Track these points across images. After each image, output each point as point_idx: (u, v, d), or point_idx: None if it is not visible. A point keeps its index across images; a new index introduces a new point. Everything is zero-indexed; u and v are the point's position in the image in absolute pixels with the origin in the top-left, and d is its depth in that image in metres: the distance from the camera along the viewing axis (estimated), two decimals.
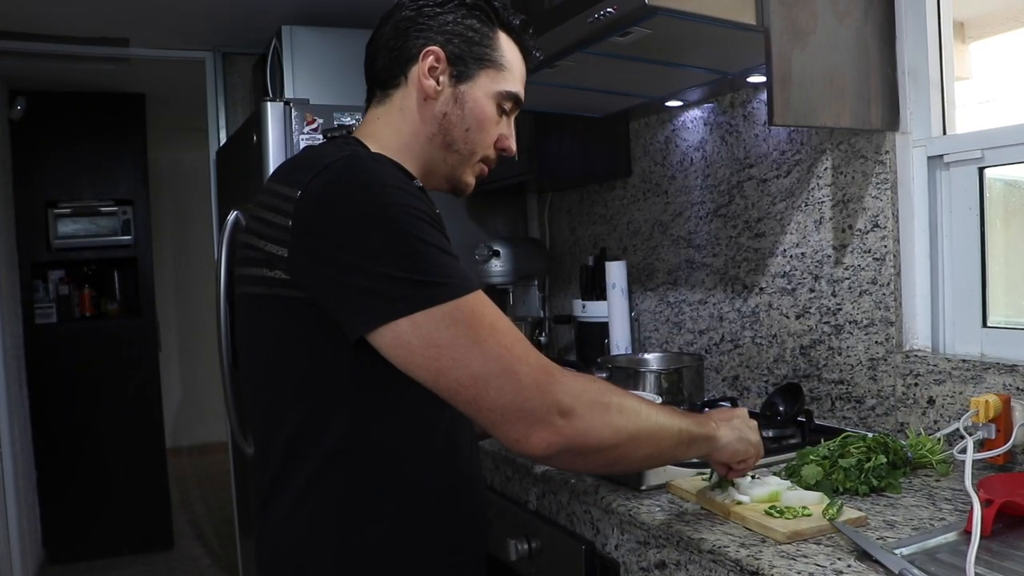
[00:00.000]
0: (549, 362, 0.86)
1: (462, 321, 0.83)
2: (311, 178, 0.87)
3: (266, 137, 2.20)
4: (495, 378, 0.82)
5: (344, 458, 0.91)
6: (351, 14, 2.69)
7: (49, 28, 2.83)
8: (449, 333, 0.82)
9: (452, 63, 1.01)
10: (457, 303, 0.83)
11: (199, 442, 5.79)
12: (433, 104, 1.01)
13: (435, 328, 0.82)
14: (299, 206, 0.86)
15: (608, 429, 0.87)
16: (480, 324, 0.83)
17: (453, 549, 0.98)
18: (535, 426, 0.82)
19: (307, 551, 0.92)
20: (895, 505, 1.10)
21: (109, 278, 4.20)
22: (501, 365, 0.82)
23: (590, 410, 0.85)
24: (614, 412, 0.88)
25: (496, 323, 0.85)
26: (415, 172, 1.04)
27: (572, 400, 0.84)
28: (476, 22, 1.02)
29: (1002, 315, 1.41)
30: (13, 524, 3.18)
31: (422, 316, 0.82)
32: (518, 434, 0.83)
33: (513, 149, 1.09)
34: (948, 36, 1.45)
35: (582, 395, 0.85)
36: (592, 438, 0.86)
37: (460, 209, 2.62)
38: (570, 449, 0.85)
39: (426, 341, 0.82)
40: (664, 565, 1.09)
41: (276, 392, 0.95)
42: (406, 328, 0.82)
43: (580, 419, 0.84)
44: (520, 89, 1.07)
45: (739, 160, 1.83)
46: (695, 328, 1.99)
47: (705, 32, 1.35)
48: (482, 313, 0.84)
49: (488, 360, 0.82)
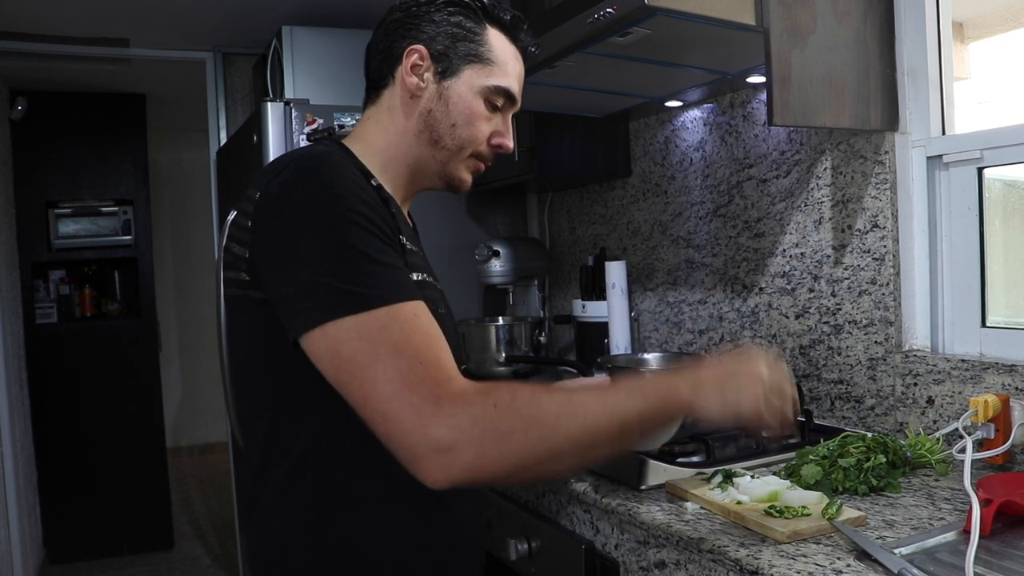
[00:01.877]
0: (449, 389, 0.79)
1: (365, 336, 0.80)
2: (270, 180, 0.90)
3: (266, 137, 2.20)
4: (381, 403, 0.79)
5: (316, 457, 0.91)
6: (351, 14, 2.69)
7: (49, 28, 2.83)
8: (351, 347, 0.80)
9: (436, 60, 1.02)
10: (367, 316, 0.80)
11: (199, 442, 5.80)
12: (418, 101, 1.03)
13: (341, 339, 0.80)
14: (257, 207, 0.89)
15: (506, 459, 0.79)
16: (383, 340, 0.80)
17: (440, 548, 0.98)
18: (420, 460, 0.78)
19: (286, 549, 0.93)
20: (894, 505, 1.10)
21: (109, 278, 4.21)
22: (390, 390, 0.78)
23: (479, 445, 0.78)
24: (516, 437, 0.79)
25: (400, 343, 0.80)
26: (403, 172, 1.05)
27: (454, 436, 0.77)
28: (463, 19, 1.03)
29: (1001, 315, 1.41)
30: (13, 524, 3.18)
31: (332, 326, 0.81)
32: (407, 463, 0.79)
33: (509, 146, 1.09)
34: (947, 36, 1.45)
35: (471, 429, 0.78)
36: (485, 471, 0.79)
37: (460, 209, 2.62)
38: (460, 483, 0.79)
39: (332, 352, 0.81)
40: (664, 565, 1.09)
41: (254, 391, 0.97)
42: (318, 337, 0.82)
43: (465, 454, 0.77)
44: (512, 84, 1.06)
45: (739, 160, 1.83)
46: (695, 328, 1.99)
47: (705, 32, 1.35)
48: (390, 329, 0.80)
49: (378, 384, 0.79)
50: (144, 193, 3.99)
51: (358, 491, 0.93)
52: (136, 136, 3.96)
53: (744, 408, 0.88)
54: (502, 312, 2.60)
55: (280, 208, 0.87)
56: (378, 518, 0.93)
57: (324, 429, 0.91)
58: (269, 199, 0.88)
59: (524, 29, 1.08)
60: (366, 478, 0.93)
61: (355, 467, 0.92)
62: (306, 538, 0.92)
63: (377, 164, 1.03)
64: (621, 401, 0.86)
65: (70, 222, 3.85)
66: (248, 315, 0.93)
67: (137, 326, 3.97)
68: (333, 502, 0.92)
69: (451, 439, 0.77)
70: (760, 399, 0.88)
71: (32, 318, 3.76)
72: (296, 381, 0.91)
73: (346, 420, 0.91)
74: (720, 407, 0.88)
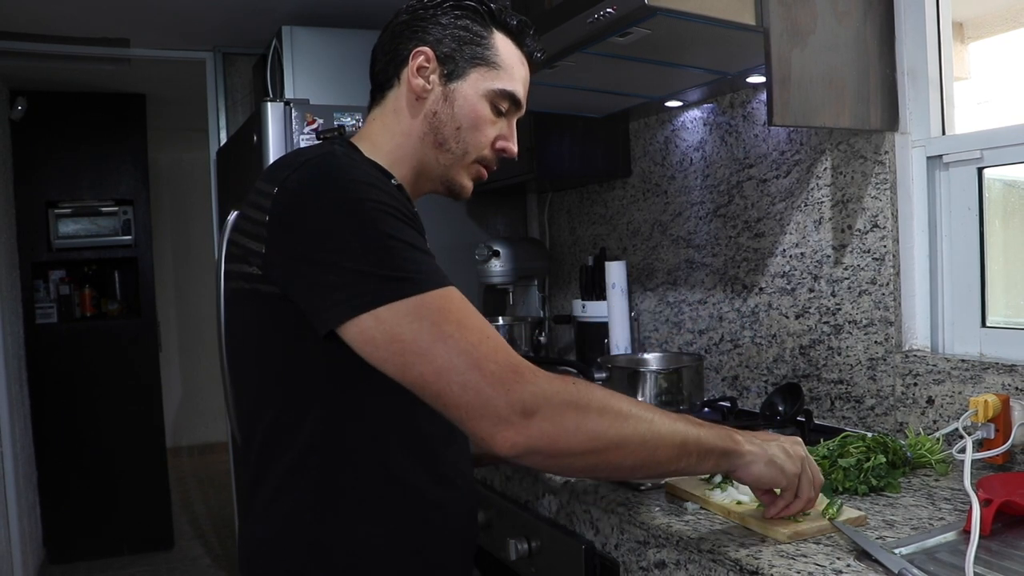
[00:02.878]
0: (520, 361, 0.83)
1: (426, 316, 0.81)
2: (288, 174, 0.89)
3: (266, 137, 2.20)
4: (459, 374, 0.80)
5: (318, 455, 0.91)
6: (351, 14, 2.69)
7: (49, 28, 2.83)
8: (413, 328, 0.81)
9: (442, 62, 1.02)
10: (422, 298, 0.82)
11: (199, 442, 5.80)
12: (423, 103, 1.03)
13: (398, 323, 0.81)
14: (275, 202, 0.88)
15: (581, 434, 0.82)
16: (445, 319, 0.81)
17: (435, 549, 0.98)
18: (499, 425, 0.80)
19: (282, 546, 0.93)
20: (894, 505, 1.10)
21: (109, 278, 4.21)
22: (465, 361, 0.80)
23: (559, 412, 0.81)
24: (593, 416, 0.83)
25: (463, 319, 0.82)
26: (408, 173, 1.05)
27: (539, 401, 0.81)
28: (470, 22, 1.03)
29: (1001, 315, 1.41)
30: (13, 524, 3.18)
31: (385, 311, 0.81)
32: (484, 432, 0.81)
33: (513, 151, 1.09)
34: (947, 36, 1.45)
35: (553, 397, 0.81)
36: (561, 442, 0.82)
37: (460, 209, 2.62)
38: (537, 451, 0.81)
39: (390, 336, 0.81)
40: (664, 565, 1.09)
41: (255, 387, 0.96)
42: (370, 323, 0.81)
43: (545, 421, 0.81)
44: (518, 89, 1.07)
45: (739, 160, 1.83)
46: (695, 328, 1.99)
47: (705, 32, 1.35)
48: (448, 308, 0.82)
49: (452, 356, 0.80)
50: (144, 193, 4.00)
51: (358, 491, 0.92)
52: (136, 136, 3.96)
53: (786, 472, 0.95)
54: (502, 312, 2.60)
55: (306, 202, 0.86)
56: (376, 518, 0.93)
57: (328, 427, 0.91)
58: (290, 193, 0.87)
59: (530, 35, 1.09)
60: (366, 478, 0.93)
61: (356, 467, 0.92)
62: (303, 537, 0.92)
63: (383, 165, 1.03)
64: (685, 423, 0.90)
65: (70, 222, 3.85)
66: (255, 309, 0.92)
67: (137, 326, 3.97)
68: (332, 501, 0.92)
69: (535, 403, 0.80)
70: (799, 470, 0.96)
71: (32, 318, 3.76)
72: (301, 377, 0.91)
73: (349, 418, 0.91)
74: (765, 464, 0.94)
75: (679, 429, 0.89)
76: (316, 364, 0.89)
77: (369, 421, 0.92)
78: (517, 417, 0.80)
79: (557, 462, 0.85)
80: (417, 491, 0.96)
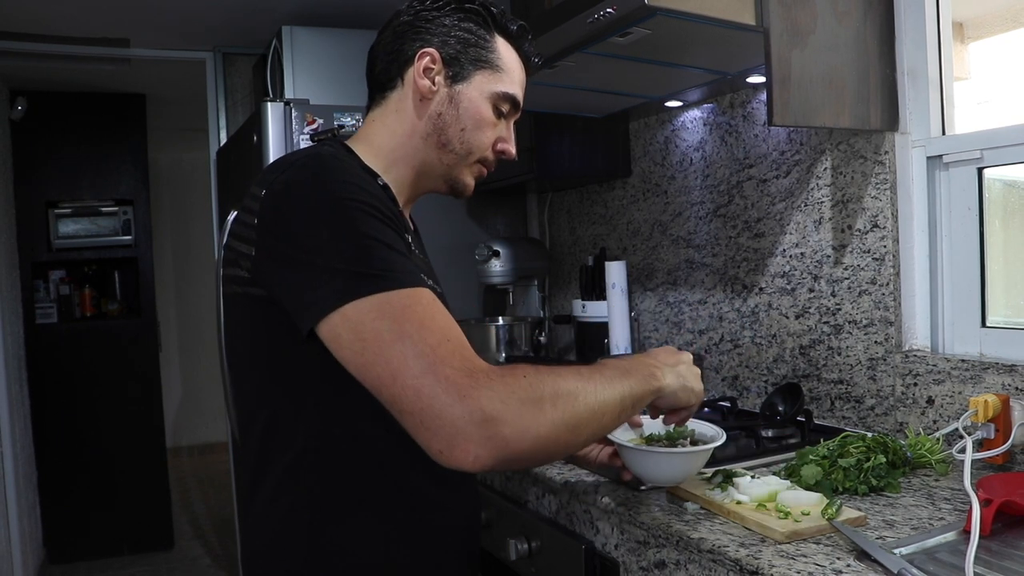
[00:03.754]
0: (477, 364, 0.80)
1: (389, 315, 0.79)
2: (276, 177, 0.90)
3: (266, 137, 2.20)
4: (412, 378, 0.77)
5: (315, 455, 0.91)
6: (351, 14, 2.69)
7: (49, 28, 2.83)
8: (374, 326, 0.79)
9: (447, 64, 1.03)
10: (388, 296, 0.80)
11: (199, 442, 5.80)
12: (428, 104, 1.03)
13: (361, 320, 0.79)
14: (263, 204, 0.89)
15: (543, 427, 0.80)
16: (407, 319, 0.79)
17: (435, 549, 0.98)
18: (456, 437, 0.76)
19: (282, 546, 0.93)
20: (894, 505, 1.10)
21: (109, 278, 4.21)
22: (421, 364, 0.77)
23: (520, 413, 0.78)
24: (547, 408, 0.81)
25: (426, 320, 0.80)
26: (409, 173, 1.06)
27: (495, 406, 0.77)
28: (473, 25, 1.04)
29: (1001, 315, 1.41)
30: (13, 524, 3.18)
31: (351, 308, 0.80)
32: (440, 444, 0.77)
33: (512, 152, 1.10)
34: (947, 36, 1.45)
35: (508, 398, 0.78)
36: (526, 442, 0.79)
37: (460, 209, 2.62)
38: (503, 459, 0.78)
39: (354, 333, 0.80)
40: (664, 565, 1.09)
41: (252, 389, 0.97)
42: (337, 320, 0.81)
43: (508, 425, 0.77)
44: (518, 92, 1.08)
45: (739, 160, 1.83)
46: (695, 328, 1.99)
47: (705, 32, 1.35)
48: (412, 308, 0.80)
49: (408, 357, 0.77)
50: (144, 193, 4.00)
51: (355, 491, 0.92)
52: (136, 136, 3.96)
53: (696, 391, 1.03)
54: (502, 312, 2.60)
55: (288, 203, 0.87)
56: (375, 518, 0.93)
57: (324, 428, 0.91)
58: (275, 196, 0.88)
59: (529, 40, 1.10)
60: (364, 478, 0.93)
61: (353, 467, 0.92)
62: (302, 537, 0.92)
63: (381, 165, 1.04)
64: (619, 380, 0.92)
65: (70, 222, 3.85)
66: (247, 312, 0.93)
67: (137, 326, 3.97)
68: (331, 501, 0.92)
69: (492, 409, 0.77)
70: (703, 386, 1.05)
71: (32, 318, 3.76)
72: (296, 379, 0.91)
73: (346, 418, 0.91)
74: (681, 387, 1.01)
75: (616, 390, 0.90)
76: (309, 365, 0.89)
77: (365, 421, 0.91)
78: (475, 427, 0.76)
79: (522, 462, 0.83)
80: (416, 491, 0.96)
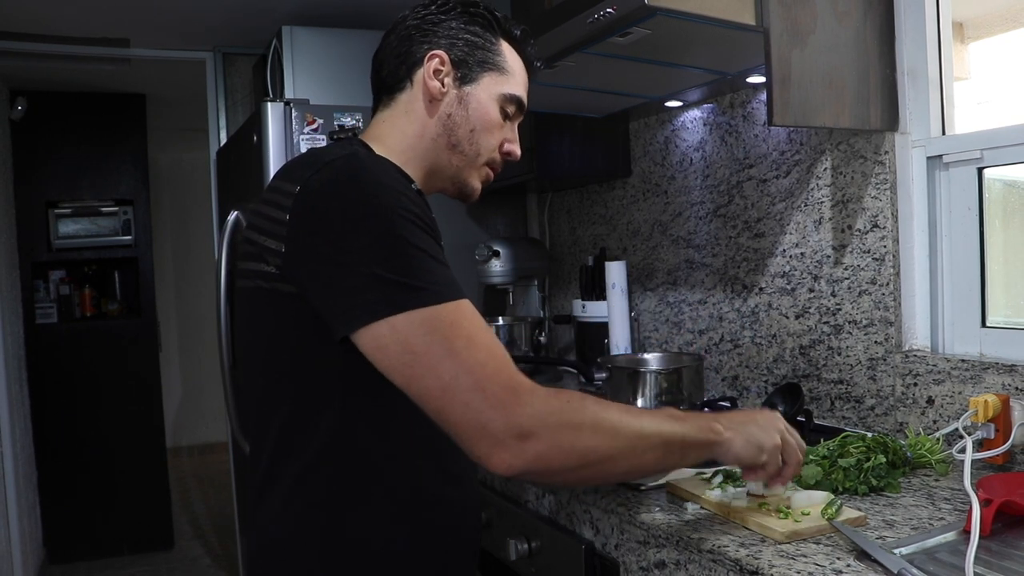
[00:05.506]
0: (522, 381, 0.84)
1: (439, 329, 0.82)
2: (311, 175, 0.89)
3: (266, 137, 2.20)
4: (462, 392, 0.81)
5: (331, 456, 0.91)
6: (351, 14, 2.69)
7: (49, 28, 2.83)
8: (425, 340, 0.81)
9: (456, 66, 1.04)
10: (437, 310, 0.83)
11: (199, 442, 5.80)
12: (438, 105, 1.04)
13: (412, 333, 0.82)
14: (296, 201, 0.88)
15: (576, 452, 0.84)
16: (457, 335, 0.82)
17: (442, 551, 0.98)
18: (496, 447, 0.81)
19: (293, 547, 0.92)
20: (894, 505, 1.10)
21: (109, 278, 4.21)
22: (470, 380, 0.81)
23: (554, 434, 0.83)
24: (586, 433, 0.85)
25: (474, 335, 0.83)
26: (419, 174, 1.06)
27: (535, 423, 0.82)
28: (479, 28, 1.06)
29: (1001, 315, 1.41)
30: (13, 524, 3.18)
31: (401, 319, 0.82)
32: (480, 452, 0.82)
33: (517, 153, 1.12)
34: (947, 36, 1.45)
35: (548, 418, 0.83)
36: (555, 462, 0.83)
37: (460, 209, 2.62)
38: (532, 472, 0.83)
39: (402, 346, 0.82)
40: (664, 565, 1.09)
41: (268, 387, 0.96)
42: (384, 331, 0.82)
43: (540, 442, 0.82)
44: (523, 94, 1.10)
45: (739, 160, 1.83)
46: (695, 328, 1.99)
47: (705, 32, 1.35)
48: (461, 324, 0.83)
49: (459, 373, 0.81)
50: (144, 193, 4.00)
51: (371, 491, 0.92)
52: (136, 136, 3.96)
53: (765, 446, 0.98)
54: (502, 312, 2.60)
55: (329, 204, 0.86)
56: (389, 518, 0.93)
57: (342, 428, 0.91)
58: (312, 194, 0.87)
59: (531, 43, 1.12)
60: (380, 478, 0.93)
61: (370, 468, 0.92)
62: (316, 537, 0.92)
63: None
64: (669, 422, 0.93)
65: (70, 222, 3.85)
66: (269, 308, 0.92)
67: (137, 326, 3.97)
68: (346, 502, 0.92)
69: (531, 426, 0.81)
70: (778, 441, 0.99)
71: (32, 318, 3.76)
72: (316, 378, 0.91)
73: (364, 420, 0.91)
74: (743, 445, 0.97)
75: (664, 431, 0.91)
76: (332, 365, 0.89)
77: (382, 422, 0.92)
78: (513, 440, 0.81)
79: (551, 479, 0.88)
80: (428, 491, 0.96)
